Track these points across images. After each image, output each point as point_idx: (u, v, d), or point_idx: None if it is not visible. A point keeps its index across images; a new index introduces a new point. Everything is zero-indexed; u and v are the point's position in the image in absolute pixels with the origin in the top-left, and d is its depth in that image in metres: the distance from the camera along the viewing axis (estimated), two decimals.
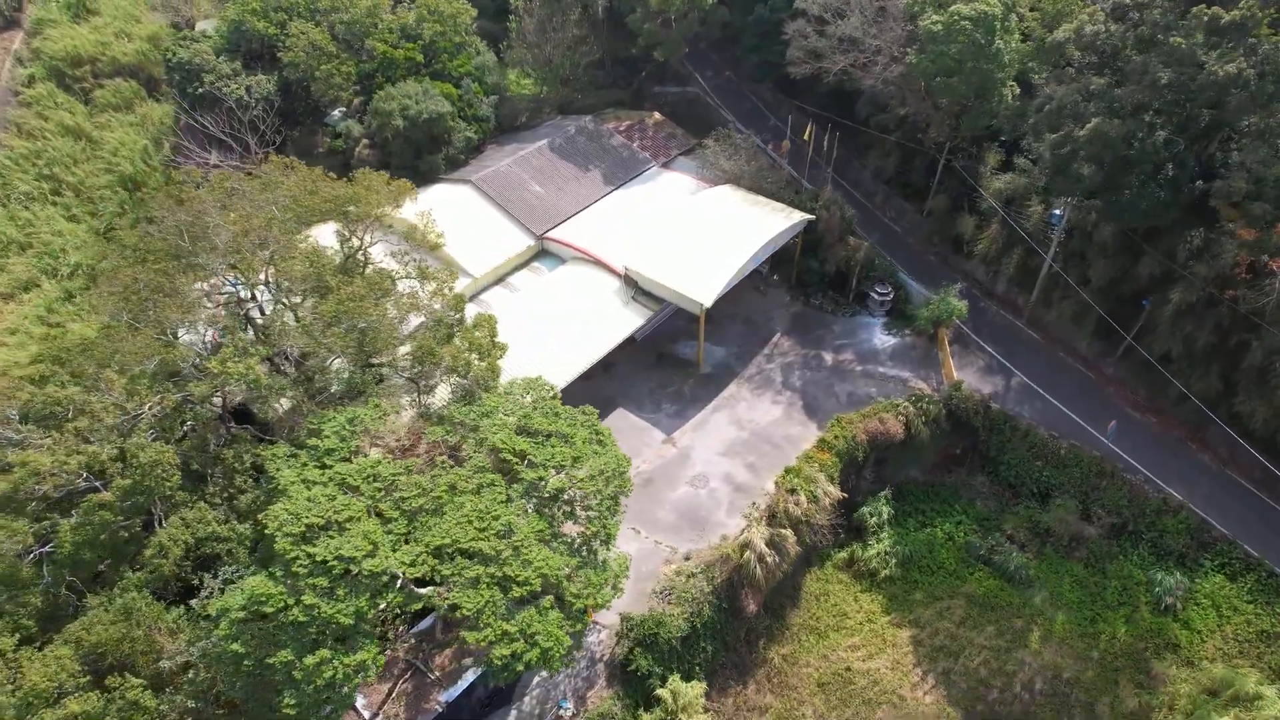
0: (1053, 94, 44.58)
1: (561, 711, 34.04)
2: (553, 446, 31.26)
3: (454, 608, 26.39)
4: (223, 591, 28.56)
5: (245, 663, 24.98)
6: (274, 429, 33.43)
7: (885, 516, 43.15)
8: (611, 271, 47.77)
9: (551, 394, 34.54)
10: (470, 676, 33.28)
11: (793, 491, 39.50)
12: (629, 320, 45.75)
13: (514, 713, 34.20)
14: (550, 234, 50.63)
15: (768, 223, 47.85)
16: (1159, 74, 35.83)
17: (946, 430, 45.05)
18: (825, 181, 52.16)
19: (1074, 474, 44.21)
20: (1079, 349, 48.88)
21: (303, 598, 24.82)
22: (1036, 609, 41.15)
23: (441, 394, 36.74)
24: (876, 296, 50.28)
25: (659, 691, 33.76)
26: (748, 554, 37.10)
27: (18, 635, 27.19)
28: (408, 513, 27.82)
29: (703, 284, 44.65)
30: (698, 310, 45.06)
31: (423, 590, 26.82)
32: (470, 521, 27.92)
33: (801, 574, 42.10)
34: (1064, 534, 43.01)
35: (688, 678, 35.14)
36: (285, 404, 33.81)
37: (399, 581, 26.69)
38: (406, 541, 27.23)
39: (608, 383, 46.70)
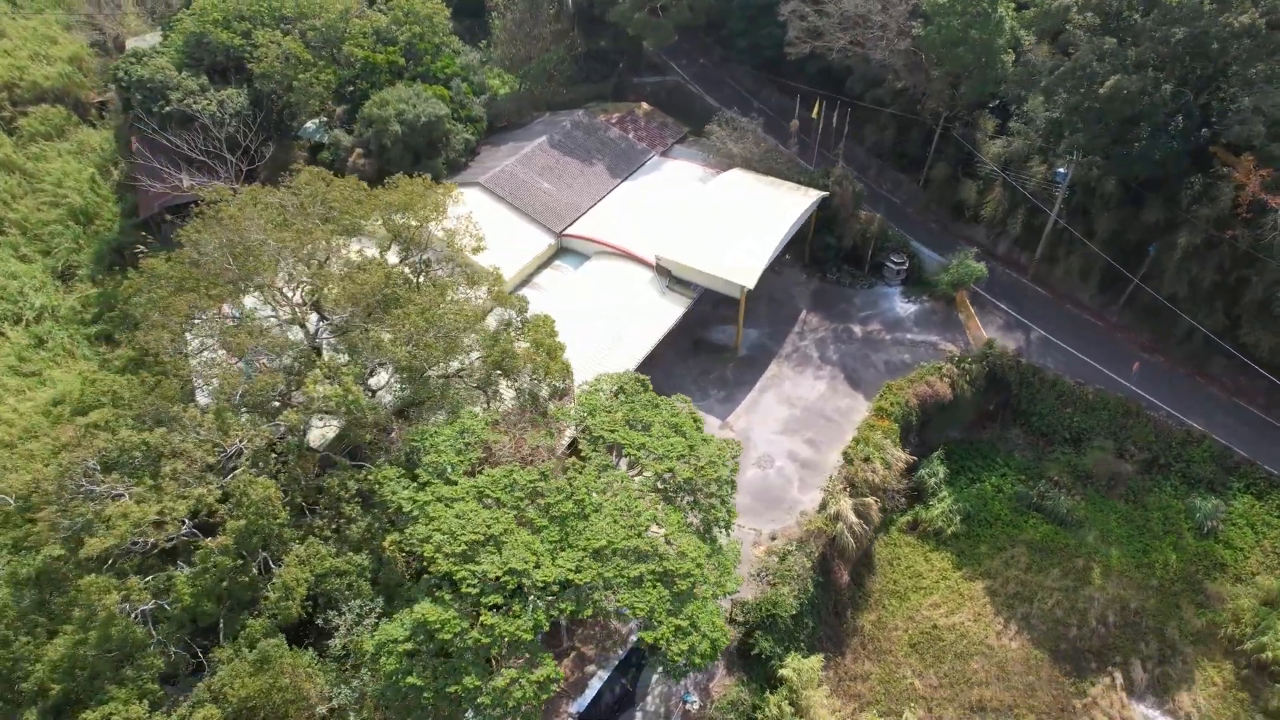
0: (1041, 59, 46.93)
1: (688, 705, 33.67)
2: (667, 437, 30.83)
3: (630, 609, 25.67)
4: (358, 628, 26.92)
5: (425, 695, 23.65)
6: (362, 454, 31.71)
7: (942, 476, 44.44)
8: (641, 263, 47.38)
9: (644, 386, 34.03)
10: (596, 684, 32.54)
11: (867, 460, 40.22)
12: (670, 310, 45.47)
13: (639, 715, 33.61)
14: (569, 231, 49.80)
15: (789, 201, 48.42)
16: (1173, 30, 38.04)
17: (983, 388, 46.70)
18: (835, 159, 53.00)
19: (1102, 417, 46.61)
20: (1083, 300, 51.44)
21: (481, 618, 23.65)
22: (1091, 548, 43.21)
23: (505, 399, 35.75)
24: (893, 266, 51.59)
25: (782, 672, 33.80)
26: (839, 525, 37.57)
27: (146, 701, 24.89)
28: (557, 518, 26.89)
29: (742, 266, 44.79)
30: (738, 293, 45.19)
31: (595, 595, 25.98)
32: (615, 520, 27.26)
33: (871, 541, 42.86)
34: (1103, 474, 45.28)
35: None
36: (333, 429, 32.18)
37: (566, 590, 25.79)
38: (563, 548, 26.32)
39: (651, 374, 45.97)
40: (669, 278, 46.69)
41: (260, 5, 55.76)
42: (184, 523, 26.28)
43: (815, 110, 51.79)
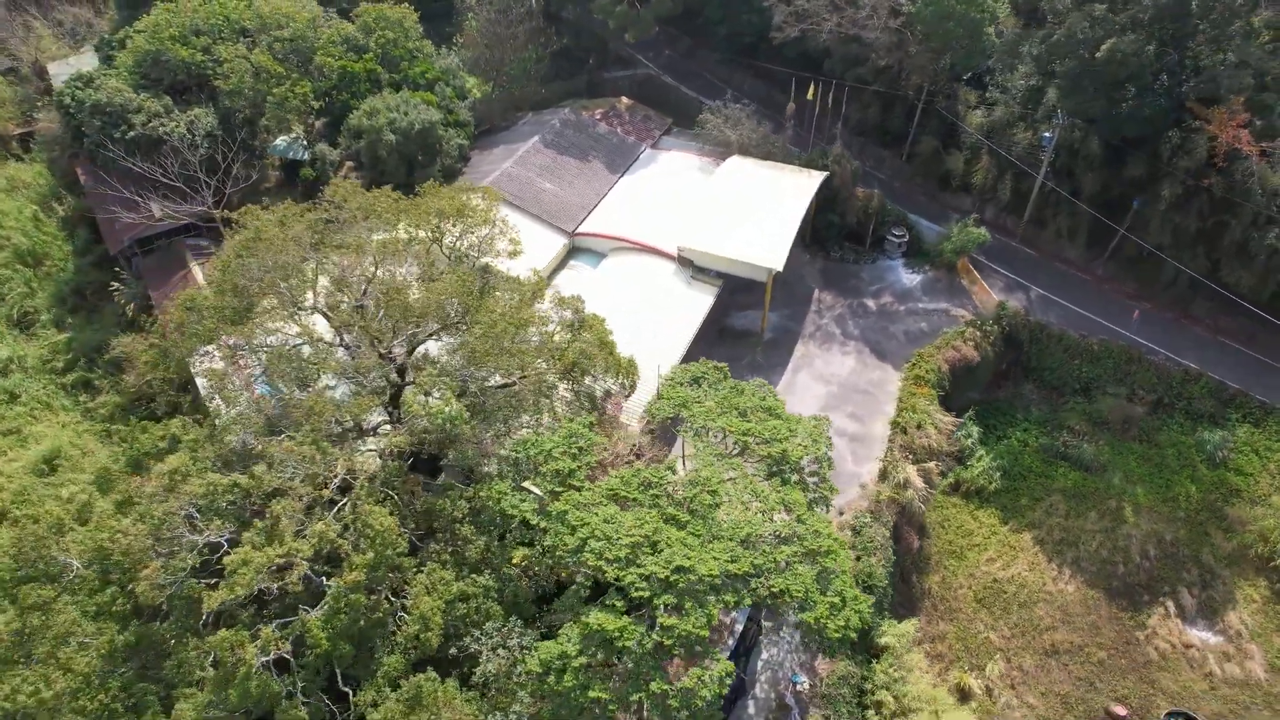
0: (1016, 32, 49.07)
1: (799, 687, 33.77)
2: (766, 421, 30.82)
3: (782, 593, 25.53)
4: (500, 650, 25.77)
5: (611, 707, 22.89)
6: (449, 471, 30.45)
7: (976, 436, 45.95)
8: (662, 255, 47.18)
9: (724, 374, 33.89)
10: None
11: (919, 427, 41.23)
12: (700, 300, 45.43)
13: (751, 703, 33.49)
14: (581, 230, 49.08)
15: (797, 183, 49.09)
16: None
17: (1001, 349, 48.56)
18: (831, 139, 53.98)
19: (1108, 365, 49.20)
20: (1071, 258, 54.10)
21: (660, 619, 23.08)
22: (1119, 489, 45.55)
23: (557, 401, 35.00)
24: (894, 239, 52.99)
25: (884, 640, 34.32)
26: (909, 492, 38.39)
27: None
28: (697, 512, 26.47)
29: (766, 249, 45.15)
30: (764, 277, 45.54)
31: (753, 584, 25.65)
32: (746, 506, 27.08)
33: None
34: (1117, 419, 47.81)
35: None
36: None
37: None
38: (711, 540, 25.92)
39: None
40: (692, 268, 46.62)
41: (217, 18, 52.59)
42: (309, 563, 24.54)
43: (811, 92, 52.57)
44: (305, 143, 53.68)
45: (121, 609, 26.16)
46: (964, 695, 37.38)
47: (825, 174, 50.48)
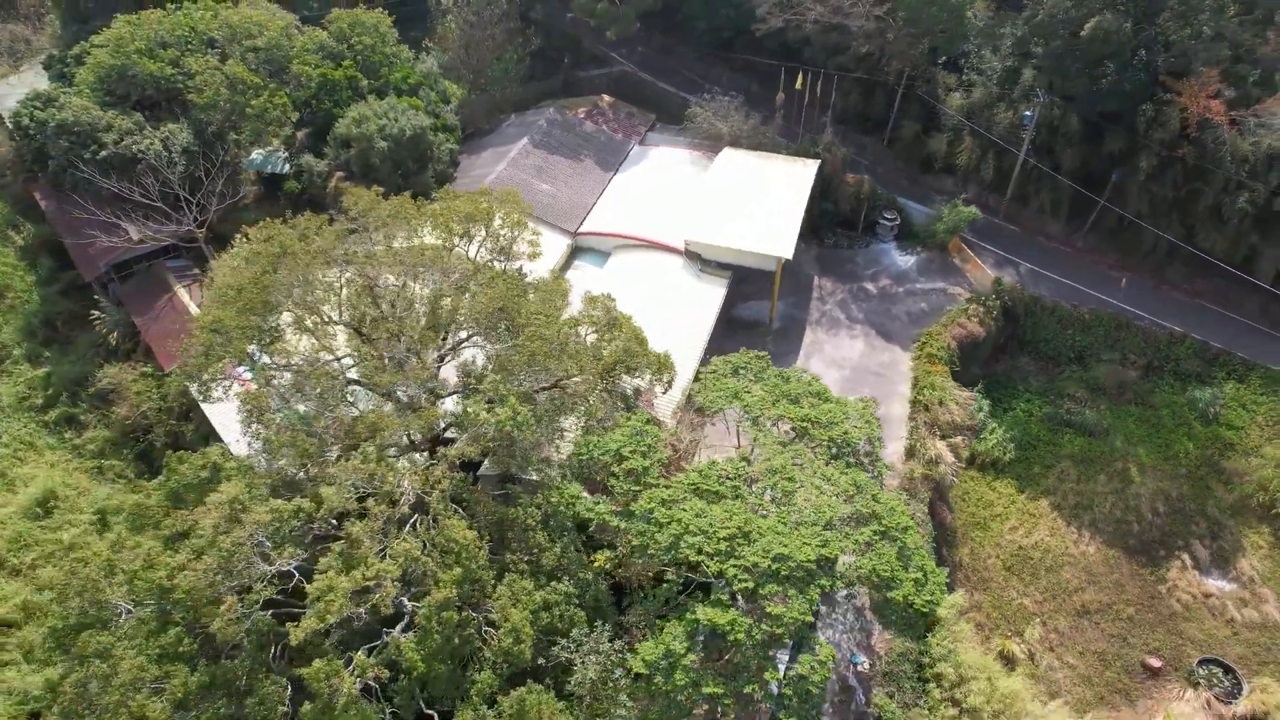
0: (991, 14, 50.45)
1: (859, 667, 34.05)
2: (818, 405, 31.00)
3: (870, 573, 25.67)
4: (592, 656, 25.26)
5: (726, 701, 22.68)
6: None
7: (986, 409, 47.07)
8: (668, 250, 47.08)
9: (766, 362, 33.96)
10: (782, 665, 32.21)
11: (941, 403, 42.02)
12: (712, 292, 45.49)
13: None
14: (584, 229, 48.59)
15: (795, 171, 49.56)
16: None
17: (1001, 323, 49.87)
18: (820, 128, 54.59)
19: (1099, 333, 50.99)
20: (1053, 232, 55.89)
21: (767, 609, 22.95)
22: (1121, 451, 47.22)
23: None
24: (886, 223, 53.92)
25: (938, 613, 34.82)
26: (941, 467, 39.09)
27: None
28: (778, 500, 26.43)
29: (773, 238, 45.45)
30: (773, 266, 45.85)
31: (841, 567, 25.71)
32: (820, 490, 27.18)
33: None
34: (1112, 384, 49.56)
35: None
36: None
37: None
38: (797, 526, 25.91)
39: None
40: (700, 261, 46.61)
41: (183, 30, 50.40)
42: (399, 584, 23.64)
43: (800, 82, 53.06)
44: (286, 155, 51.85)
45: (189, 649, 24.77)
46: (1008, 661, 38.28)
47: (818, 162, 51.04)
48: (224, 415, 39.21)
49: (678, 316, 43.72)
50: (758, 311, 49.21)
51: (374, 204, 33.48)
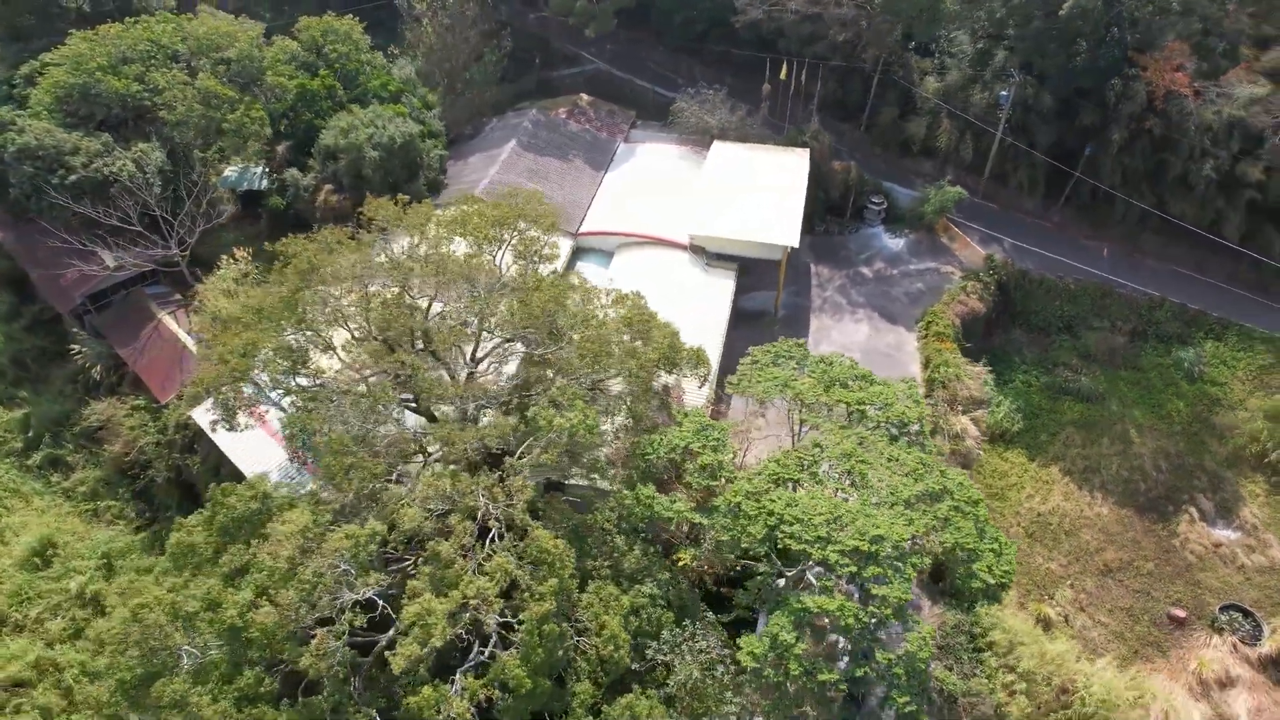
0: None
1: None
2: (866, 389, 31.27)
3: (954, 547, 25.95)
4: (687, 657, 24.91)
5: (841, 687, 22.61)
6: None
7: (991, 383, 48.21)
8: (674, 246, 46.95)
9: (803, 349, 34.08)
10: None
11: (957, 379, 42.86)
12: (722, 285, 45.56)
13: None
14: (584, 229, 48.05)
15: (788, 161, 50.02)
16: None
17: (996, 298, 51.20)
18: (806, 117, 55.08)
19: (1085, 302, 52.81)
20: (1029, 208, 57.56)
21: (872, 591, 22.99)
22: (1118, 414, 48.98)
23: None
24: (874, 207, 54.80)
25: (978, 583, 35.47)
26: (968, 441, 39.87)
27: None
28: (856, 483, 26.50)
29: (779, 228, 45.71)
30: (778, 255, 46.13)
31: (927, 544, 25.90)
32: (892, 470, 27.40)
33: None
34: (1103, 350, 51.38)
35: None
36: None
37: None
38: (880, 506, 26.03)
39: None
40: (706, 255, 46.57)
41: (144, 44, 47.96)
42: (502, 600, 22.85)
43: (784, 73, 53.44)
44: (263, 170, 49.86)
45: (269, 689, 23.50)
46: (1045, 624, 39.27)
47: (807, 150, 51.54)
48: (238, 445, 37.59)
49: (691, 311, 43.40)
50: (762, 302, 49.39)
51: (397, 214, 32.37)
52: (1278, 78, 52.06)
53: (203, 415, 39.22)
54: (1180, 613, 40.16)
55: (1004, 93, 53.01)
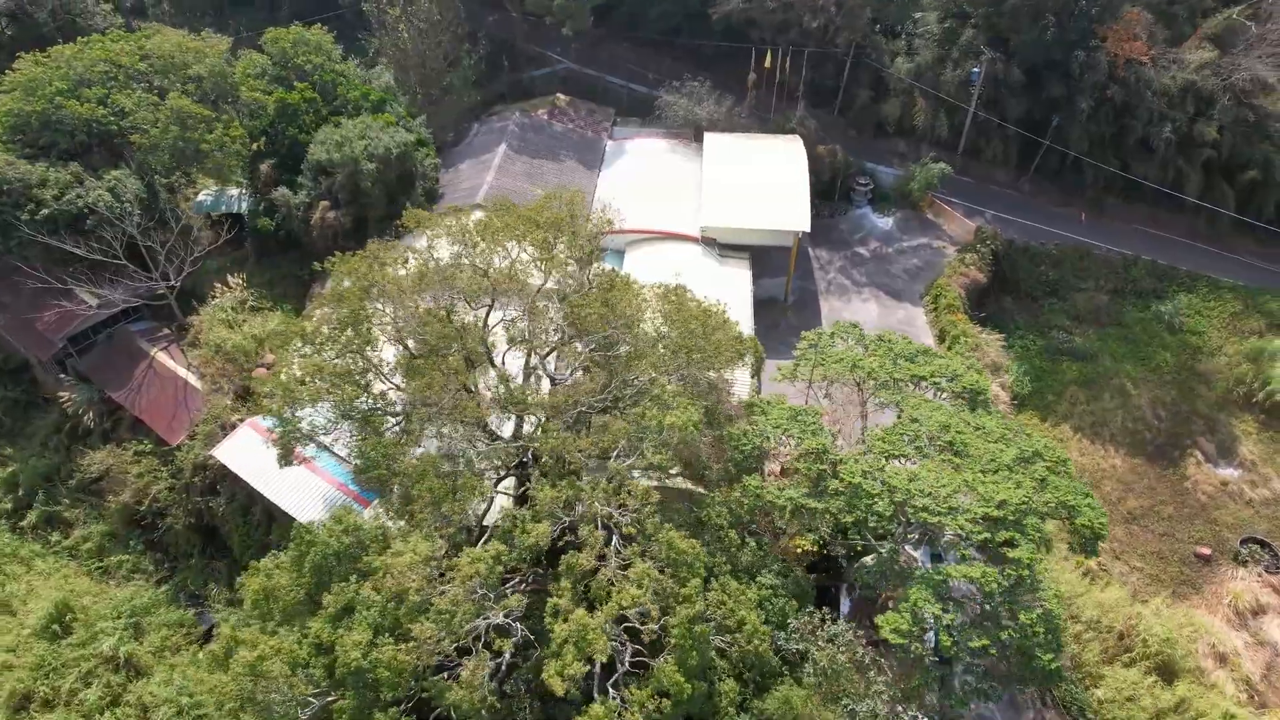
0: None
1: None
2: (934, 361, 31.79)
3: (1058, 505, 26.51)
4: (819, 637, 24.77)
5: (991, 651, 22.85)
6: None
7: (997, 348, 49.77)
8: (685, 239, 46.82)
9: (858, 329, 34.40)
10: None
11: (977, 349, 44.03)
12: (740, 275, 45.74)
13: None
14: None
15: (785, 146, 50.59)
16: None
17: (992, 267, 52.91)
18: (794, 101, 55.58)
19: (1067, 266, 55.07)
20: (1001, 180, 59.62)
21: (1008, 555, 23.32)
22: (1112, 369, 51.22)
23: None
24: (861, 188, 55.87)
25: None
26: (1000, 407, 40.94)
27: None
28: (961, 451, 26.85)
29: (788, 213, 46.11)
30: (790, 241, 46.49)
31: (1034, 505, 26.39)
32: (984, 437, 27.90)
33: None
34: (1089, 310, 53.73)
35: None
36: None
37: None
38: (986, 472, 26.44)
39: None
40: (718, 246, 46.52)
41: (102, 65, 44.78)
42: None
43: (768, 61, 53.82)
44: (243, 191, 47.28)
45: None
46: (1088, 575, 40.73)
47: (797, 136, 52.09)
48: (273, 482, 35.56)
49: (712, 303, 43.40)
50: (771, 289, 49.65)
51: (435, 222, 31.12)
52: (1221, 42, 55.49)
53: (227, 454, 37.02)
54: (1205, 550, 42.31)
55: (975, 69, 54.73)
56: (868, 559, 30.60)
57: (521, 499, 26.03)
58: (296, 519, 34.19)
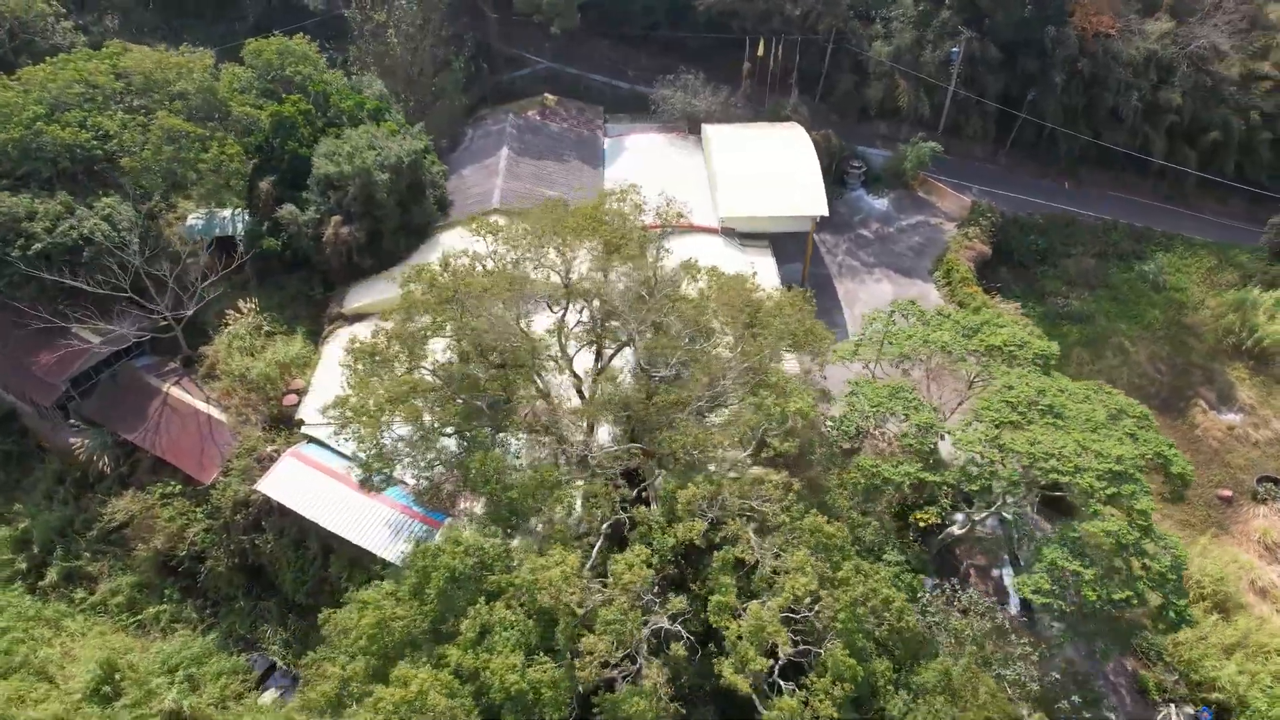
0: None
1: None
2: (1001, 330, 32.48)
3: (1154, 457, 27.33)
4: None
5: (1134, 603, 23.43)
6: None
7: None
8: (704, 231, 46.64)
9: (916, 307, 34.88)
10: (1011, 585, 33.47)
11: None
12: (765, 263, 45.70)
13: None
14: None
15: (788, 133, 50.89)
16: None
17: (993, 239, 54.48)
18: (789, 89, 56.01)
19: (1054, 234, 57.19)
20: (980, 155, 61.56)
21: (1135, 507, 23.96)
22: (1108, 329, 53.41)
23: None
24: (854, 171, 56.76)
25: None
26: None
27: None
28: (1060, 414, 27.44)
29: (806, 199, 46.48)
30: (808, 226, 46.90)
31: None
32: (1070, 397, 28.65)
33: None
34: (1079, 274, 55.88)
35: None
36: None
37: None
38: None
39: None
40: (739, 236, 46.53)
41: (79, 86, 41.92)
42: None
43: (760, 51, 54.08)
44: (237, 212, 44.94)
45: None
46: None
47: (795, 123, 52.56)
48: (327, 511, 33.90)
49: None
50: (788, 275, 49.67)
51: (509, 224, 30.14)
52: (1178, 11, 58.53)
53: (273, 488, 35.09)
54: (1226, 492, 44.50)
55: (954, 49, 56.25)
56: (954, 528, 31.12)
57: (635, 500, 25.32)
58: (365, 548, 32.81)
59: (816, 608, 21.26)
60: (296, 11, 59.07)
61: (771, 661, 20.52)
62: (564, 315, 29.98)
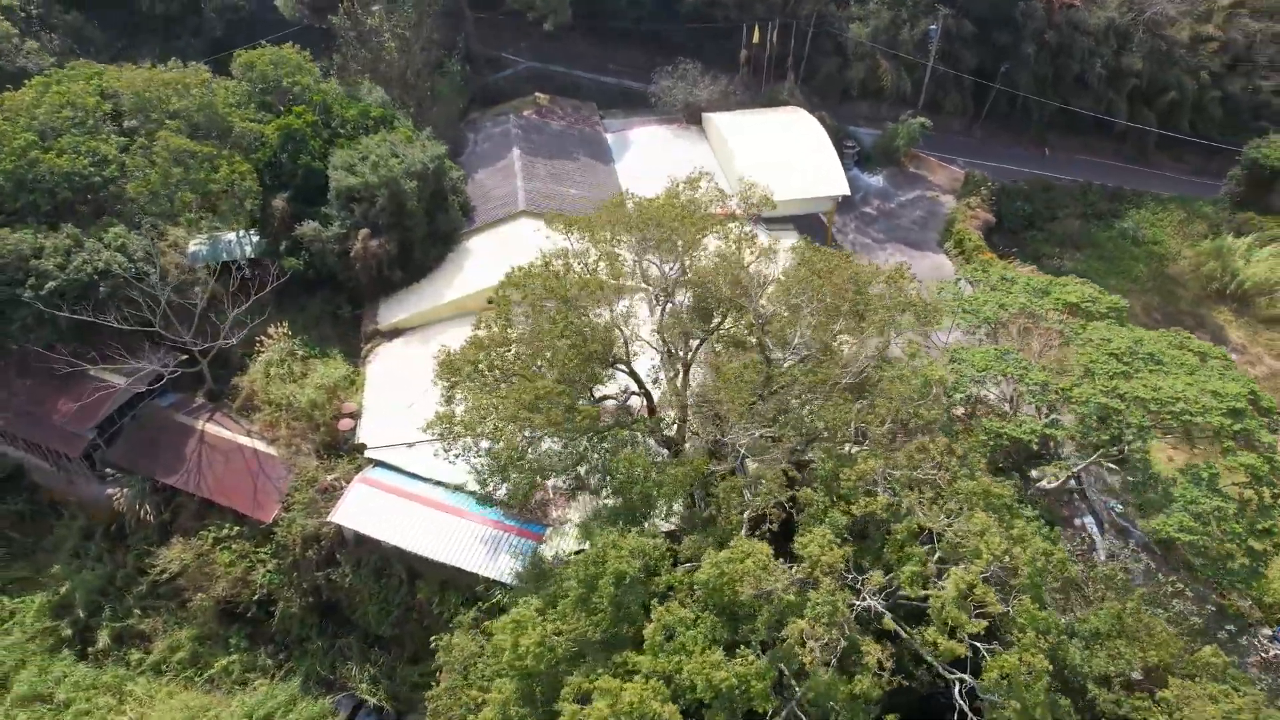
0: None
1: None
2: (1068, 287, 33.58)
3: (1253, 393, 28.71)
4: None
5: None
6: None
7: None
8: (727, 217, 46.37)
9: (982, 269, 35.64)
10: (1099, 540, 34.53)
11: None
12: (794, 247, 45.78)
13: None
14: None
15: (794, 117, 51.40)
16: None
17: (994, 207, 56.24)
18: (785, 75, 56.41)
19: (1037, 199, 59.55)
20: (958, 128, 63.58)
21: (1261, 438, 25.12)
22: (1101, 286, 55.94)
23: None
24: (848, 151, 57.69)
25: None
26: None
27: None
28: (1159, 361, 28.51)
29: (826, 180, 47.09)
30: (828, 206, 47.52)
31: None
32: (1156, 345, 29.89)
33: None
34: (1067, 235, 58.35)
35: None
36: None
37: None
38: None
39: None
40: (764, 221, 46.60)
41: (68, 110, 38.87)
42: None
43: (756, 38, 54.34)
44: (248, 234, 42.52)
45: None
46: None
47: (797, 107, 53.14)
48: (411, 533, 32.44)
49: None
50: None
51: (597, 223, 29.43)
52: None
53: (348, 517, 33.31)
54: None
55: (933, 26, 57.84)
56: (1044, 482, 31.97)
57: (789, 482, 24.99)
58: (462, 567, 31.49)
59: (1011, 564, 21.44)
60: (259, 26, 56.33)
61: (986, 623, 20.60)
62: (663, 311, 29.43)
